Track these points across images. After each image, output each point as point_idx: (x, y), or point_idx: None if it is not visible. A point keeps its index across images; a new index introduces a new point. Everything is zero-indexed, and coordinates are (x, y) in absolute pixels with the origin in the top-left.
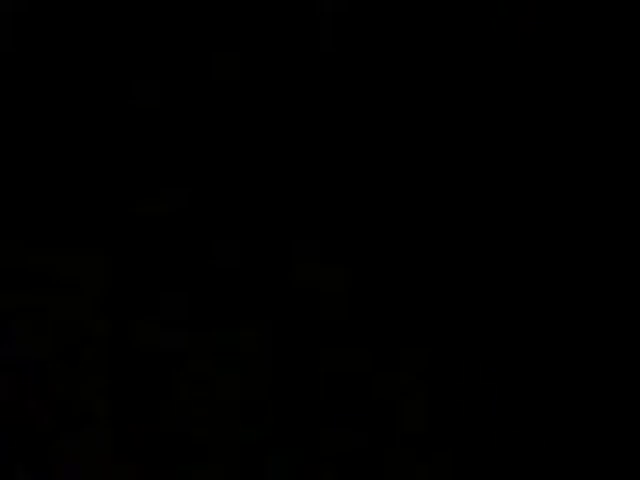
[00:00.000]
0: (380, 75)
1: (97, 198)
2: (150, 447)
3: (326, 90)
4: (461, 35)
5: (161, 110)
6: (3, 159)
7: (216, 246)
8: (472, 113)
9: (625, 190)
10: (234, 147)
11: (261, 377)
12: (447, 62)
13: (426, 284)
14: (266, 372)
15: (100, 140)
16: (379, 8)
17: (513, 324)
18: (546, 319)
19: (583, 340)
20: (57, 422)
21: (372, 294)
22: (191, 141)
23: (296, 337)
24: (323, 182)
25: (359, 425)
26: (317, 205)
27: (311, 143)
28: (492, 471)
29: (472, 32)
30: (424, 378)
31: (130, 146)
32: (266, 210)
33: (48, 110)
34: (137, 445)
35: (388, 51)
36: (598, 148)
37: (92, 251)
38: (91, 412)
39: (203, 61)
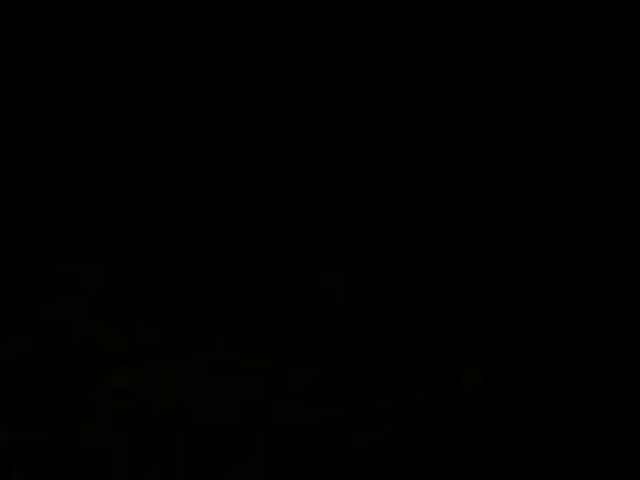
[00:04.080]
0: (379, 75)
1: (97, 199)
2: None
3: (326, 91)
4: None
5: (161, 110)
6: (3, 160)
7: (216, 246)
8: (472, 112)
9: (624, 190)
10: (234, 147)
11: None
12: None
13: (426, 284)
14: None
15: (100, 141)
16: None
17: (513, 324)
18: (545, 319)
19: (582, 340)
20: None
21: (372, 294)
22: (191, 141)
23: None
24: (323, 182)
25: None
26: (317, 205)
27: (311, 144)
28: (493, 470)
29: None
30: (424, 378)
31: (130, 146)
32: (266, 210)
33: (49, 111)
34: None
35: (387, 53)
36: (597, 147)
37: (92, 251)
38: None
39: (203, 61)
